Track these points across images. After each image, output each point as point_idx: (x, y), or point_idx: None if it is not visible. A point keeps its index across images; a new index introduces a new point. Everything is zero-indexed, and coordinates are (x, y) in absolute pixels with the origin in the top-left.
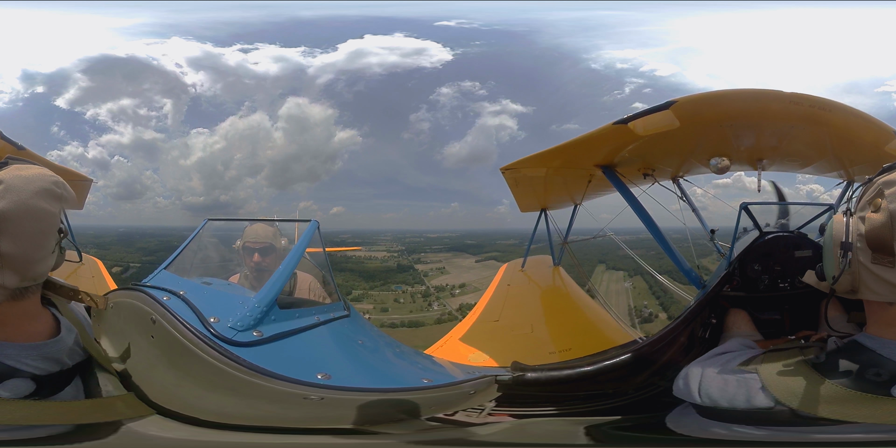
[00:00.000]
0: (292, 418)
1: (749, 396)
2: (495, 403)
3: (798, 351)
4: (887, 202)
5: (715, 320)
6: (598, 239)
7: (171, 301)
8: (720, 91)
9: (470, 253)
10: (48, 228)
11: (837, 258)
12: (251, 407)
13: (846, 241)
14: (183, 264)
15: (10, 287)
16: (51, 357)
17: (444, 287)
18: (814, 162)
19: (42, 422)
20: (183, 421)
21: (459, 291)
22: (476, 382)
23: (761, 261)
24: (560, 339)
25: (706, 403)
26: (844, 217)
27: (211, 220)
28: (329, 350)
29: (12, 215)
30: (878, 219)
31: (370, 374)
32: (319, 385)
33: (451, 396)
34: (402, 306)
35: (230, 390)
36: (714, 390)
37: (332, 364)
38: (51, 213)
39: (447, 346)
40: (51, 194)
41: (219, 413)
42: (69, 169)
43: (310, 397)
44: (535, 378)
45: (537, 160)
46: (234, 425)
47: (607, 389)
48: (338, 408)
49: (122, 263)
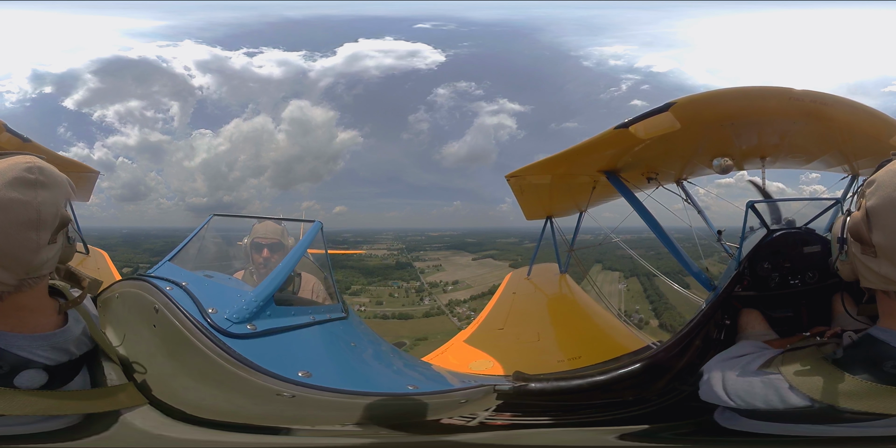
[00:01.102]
0: (263, 415)
1: (781, 397)
2: (491, 413)
3: (815, 348)
4: (865, 200)
5: (729, 321)
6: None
7: (173, 291)
8: (719, 90)
9: (469, 251)
10: (22, 219)
11: (835, 251)
12: (229, 401)
13: (841, 236)
14: (187, 257)
15: (6, 283)
16: (60, 347)
17: (437, 283)
18: (818, 157)
19: (58, 412)
20: (168, 414)
21: (452, 288)
22: (469, 392)
23: (770, 259)
24: (569, 347)
25: (740, 406)
26: (843, 214)
27: (216, 216)
28: (316, 349)
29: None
30: (857, 214)
31: (352, 376)
32: (295, 382)
33: (439, 404)
34: (395, 300)
35: (216, 382)
36: (744, 393)
37: (316, 363)
38: (23, 202)
39: (448, 352)
40: (23, 182)
41: (202, 406)
42: (73, 160)
43: (282, 394)
44: (540, 388)
45: (541, 167)
46: (211, 420)
47: (626, 397)
48: (311, 407)
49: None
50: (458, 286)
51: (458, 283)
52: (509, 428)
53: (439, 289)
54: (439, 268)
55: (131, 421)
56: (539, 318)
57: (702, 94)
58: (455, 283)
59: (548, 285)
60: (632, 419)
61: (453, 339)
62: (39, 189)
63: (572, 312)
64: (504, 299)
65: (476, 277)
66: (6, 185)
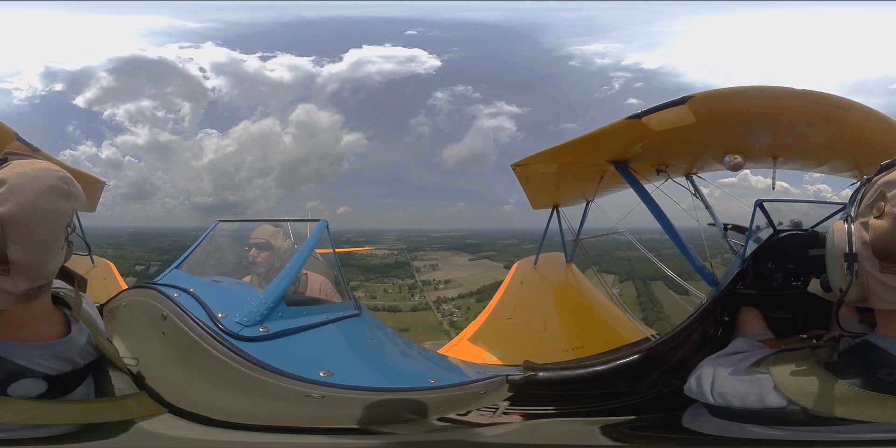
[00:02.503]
0: (296, 417)
1: (761, 396)
2: (508, 403)
3: (810, 351)
4: (891, 206)
5: (727, 318)
6: (611, 236)
7: (181, 297)
8: (739, 87)
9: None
10: (58, 229)
11: (842, 269)
12: (257, 405)
13: (850, 251)
14: (194, 264)
15: (21, 291)
16: (62, 357)
17: (430, 282)
18: (828, 161)
19: (53, 421)
20: (193, 420)
21: (443, 286)
22: (486, 382)
23: (775, 259)
24: (573, 337)
25: (719, 403)
26: (846, 224)
27: (222, 222)
28: (334, 348)
29: (20, 220)
30: (883, 225)
31: (374, 373)
32: (320, 382)
33: (461, 396)
34: (388, 295)
35: (236, 386)
36: (727, 390)
37: (335, 362)
38: (60, 212)
39: (461, 344)
40: (58, 192)
41: (227, 411)
42: (81, 171)
43: (311, 395)
44: (548, 378)
45: (548, 156)
46: (243, 424)
47: (619, 388)
48: (340, 407)
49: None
50: (449, 285)
51: (450, 282)
52: (526, 418)
53: (431, 286)
54: (435, 267)
55: (150, 429)
56: (546, 308)
57: (720, 90)
58: (447, 282)
59: (554, 275)
60: (617, 410)
61: (465, 330)
62: (71, 200)
63: (577, 302)
64: (512, 289)
65: (469, 277)
66: (43, 194)
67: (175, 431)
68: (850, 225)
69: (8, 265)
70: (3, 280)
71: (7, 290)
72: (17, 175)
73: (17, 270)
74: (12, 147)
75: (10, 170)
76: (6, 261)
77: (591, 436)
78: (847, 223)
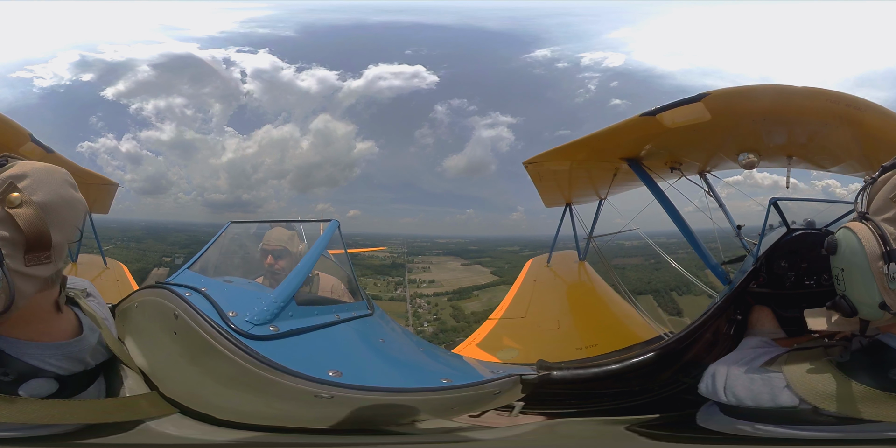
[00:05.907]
0: (305, 417)
1: (774, 395)
2: (524, 404)
3: (822, 350)
4: None
5: (740, 317)
6: (625, 233)
7: (192, 296)
8: (756, 85)
9: (464, 257)
10: (81, 215)
11: (881, 275)
12: (266, 404)
13: (887, 249)
14: (206, 265)
15: (48, 275)
16: (74, 356)
17: (415, 280)
18: (842, 161)
19: (64, 421)
20: (202, 420)
21: (426, 285)
22: (501, 382)
23: (788, 258)
24: (586, 335)
25: (731, 402)
26: (864, 223)
27: (234, 223)
28: (345, 348)
29: (54, 206)
30: None
31: (384, 373)
32: (329, 382)
33: (474, 397)
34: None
35: (245, 385)
36: (739, 389)
37: (345, 362)
38: (80, 199)
39: (476, 343)
40: (72, 184)
41: (236, 410)
42: (95, 173)
43: (320, 395)
44: (562, 376)
45: (561, 153)
46: (251, 425)
47: (633, 387)
48: (350, 407)
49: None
50: (432, 285)
51: (434, 283)
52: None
53: (415, 285)
54: (427, 269)
55: (161, 429)
56: (559, 306)
57: (736, 88)
58: (431, 282)
59: (567, 273)
60: (632, 409)
61: (479, 329)
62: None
63: (590, 300)
64: (525, 287)
65: (452, 279)
66: (63, 184)
67: (184, 431)
68: (872, 223)
69: (50, 252)
70: (44, 268)
71: (39, 276)
72: (33, 170)
73: (57, 254)
74: (26, 148)
75: (21, 167)
76: (49, 247)
77: (610, 435)
78: (867, 223)
